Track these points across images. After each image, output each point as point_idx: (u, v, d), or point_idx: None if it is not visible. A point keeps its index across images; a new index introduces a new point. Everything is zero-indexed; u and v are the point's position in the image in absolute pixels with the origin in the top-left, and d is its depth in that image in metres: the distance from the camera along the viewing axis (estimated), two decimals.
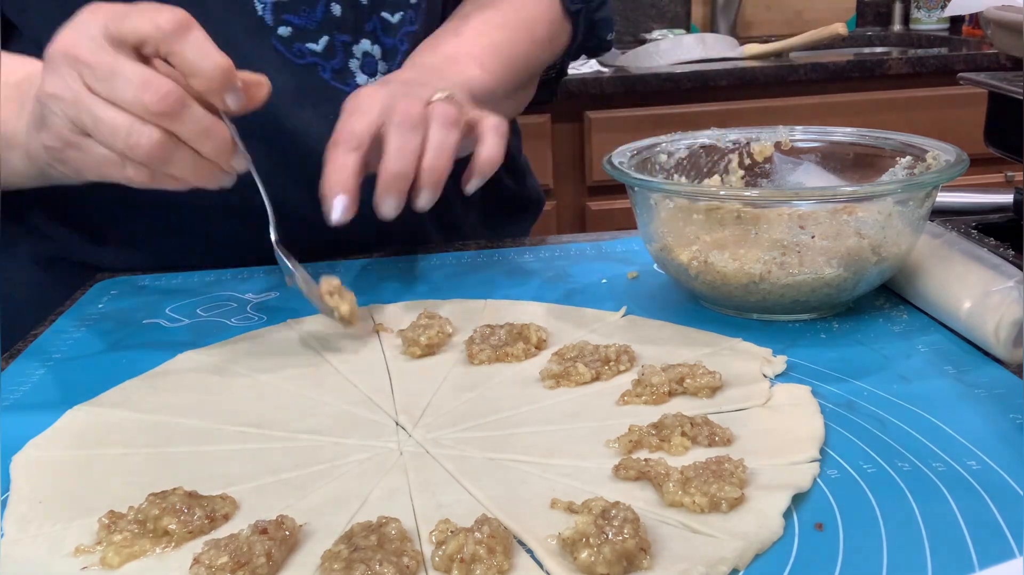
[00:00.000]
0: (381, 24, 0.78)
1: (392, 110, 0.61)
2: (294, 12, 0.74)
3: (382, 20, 0.78)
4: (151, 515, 0.41)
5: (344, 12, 0.76)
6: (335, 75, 0.77)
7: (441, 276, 0.75)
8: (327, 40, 0.76)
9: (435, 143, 0.61)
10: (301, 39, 0.75)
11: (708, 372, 0.52)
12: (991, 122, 0.76)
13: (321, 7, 0.75)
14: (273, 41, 0.74)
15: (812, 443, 0.46)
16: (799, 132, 0.71)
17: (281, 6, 0.74)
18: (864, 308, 0.63)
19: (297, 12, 0.74)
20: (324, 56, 0.76)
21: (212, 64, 0.54)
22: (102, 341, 0.65)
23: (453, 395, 0.54)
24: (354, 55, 0.78)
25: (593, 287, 0.70)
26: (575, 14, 0.86)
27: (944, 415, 0.48)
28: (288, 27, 0.74)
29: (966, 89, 0.78)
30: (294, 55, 0.75)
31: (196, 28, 0.53)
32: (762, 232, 0.58)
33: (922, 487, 0.42)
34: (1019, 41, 0.66)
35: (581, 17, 0.86)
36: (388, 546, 0.38)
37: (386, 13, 0.78)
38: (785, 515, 0.40)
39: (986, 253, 0.59)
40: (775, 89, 1.91)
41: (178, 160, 0.55)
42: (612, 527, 0.37)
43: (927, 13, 2.39)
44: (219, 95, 0.55)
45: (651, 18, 2.43)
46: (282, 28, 0.74)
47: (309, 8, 0.75)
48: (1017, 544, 0.38)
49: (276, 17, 0.74)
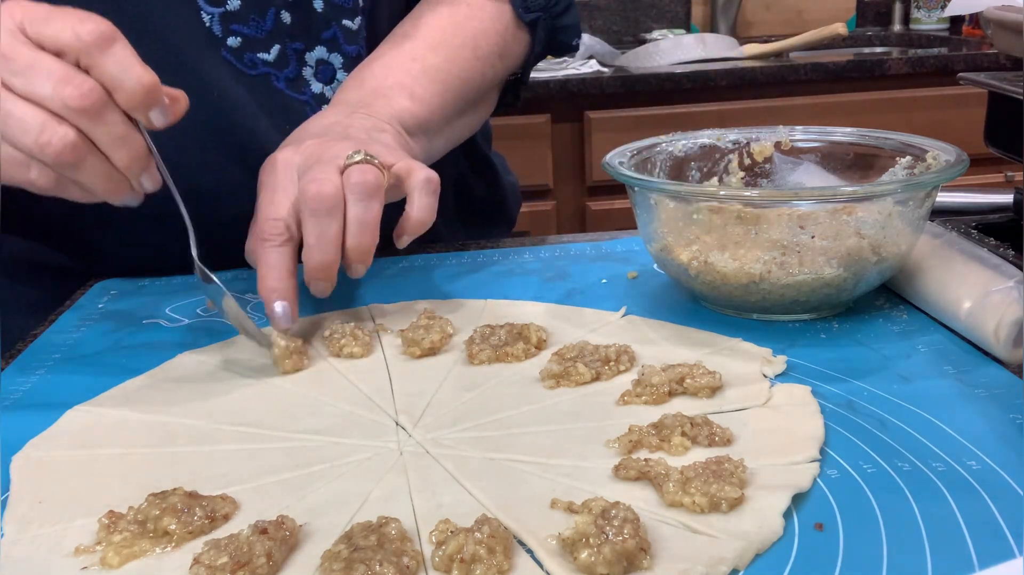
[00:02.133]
0: (343, 32, 0.77)
1: (305, 192, 0.57)
2: (243, 22, 0.73)
3: (343, 28, 0.77)
4: (151, 515, 0.41)
5: (295, 20, 0.75)
6: (289, 84, 0.76)
7: (441, 276, 0.75)
8: (279, 49, 0.75)
9: (356, 221, 0.58)
10: (252, 49, 0.74)
11: (708, 372, 0.52)
12: (991, 122, 0.76)
13: (271, 16, 0.73)
14: (223, 52, 0.73)
15: (812, 443, 0.46)
16: (799, 132, 0.71)
17: (229, 16, 0.72)
18: (864, 308, 0.63)
19: (246, 22, 0.73)
20: (276, 65, 0.75)
21: (135, 79, 0.51)
22: (102, 341, 0.65)
23: (453, 395, 0.54)
24: (307, 63, 0.76)
25: (593, 287, 0.70)
26: (531, 24, 0.81)
27: (944, 415, 0.48)
28: (237, 37, 0.73)
29: (966, 89, 0.78)
30: (246, 65, 0.74)
31: (120, 41, 0.51)
32: (762, 232, 0.58)
33: (922, 487, 0.42)
34: (1019, 41, 0.66)
35: (540, 26, 0.81)
36: (388, 546, 0.38)
37: (347, 20, 0.77)
38: (785, 515, 0.40)
39: (986, 253, 0.59)
40: (775, 89, 1.91)
41: (88, 167, 0.52)
42: (612, 527, 0.37)
43: (927, 13, 2.39)
44: (143, 112, 0.53)
45: (651, 18, 2.43)
46: (231, 39, 0.73)
47: (258, 17, 0.73)
48: (1017, 544, 0.38)
49: (224, 28, 0.72)
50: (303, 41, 0.75)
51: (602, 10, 2.43)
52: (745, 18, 2.41)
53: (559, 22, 0.83)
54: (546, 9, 0.81)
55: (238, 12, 0.72)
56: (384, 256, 0.81)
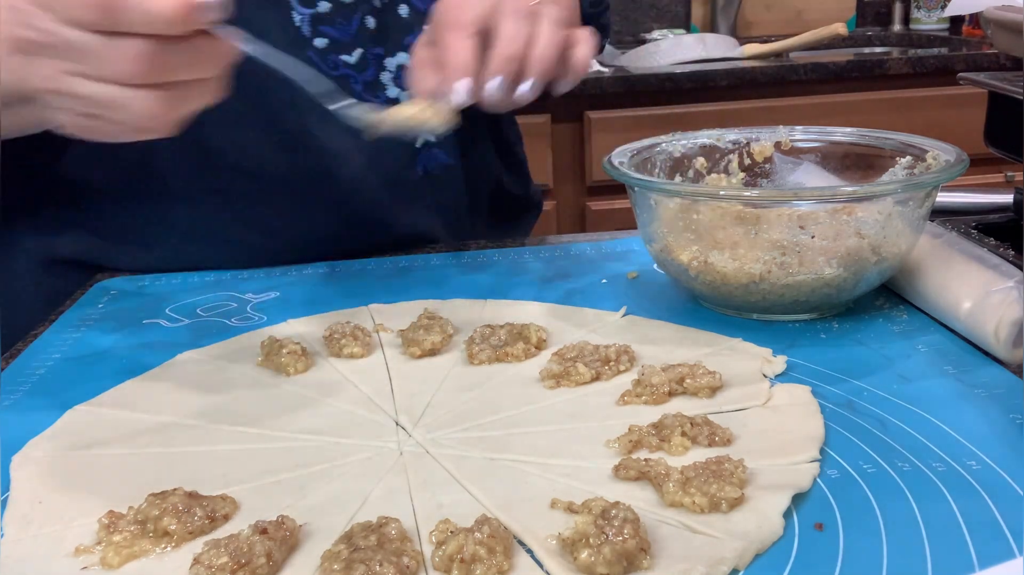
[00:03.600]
0: None
1: (501, 3, 0.60)
2: (331, 24, 0.75)
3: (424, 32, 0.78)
4: (151, 515, 0.41)
5: (380, 25, 0.77)
6: (366, 88, 0.77)
7: (441, 276, 0.75)
8: (360, 53, 0.76)
9: (546, 35, 0.60)
10: (336, 51, 0.75)
11: (708, 372, 0.52)
12: (991, 122, 0.76)
13: (356, 20, 0.75)
14: (309, 53, 0.74)
15: (812, 443, 0.46)
16: (799, 132, 0.71)
17: (319, 18, 0.74)
18: (864, 308, 0.63)
19: (334, 24, 0.75)
20: (357, 68, 0.76)
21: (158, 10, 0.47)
22: (102, 341, 0.65)
23: (453, 395, 0.54)
24: (386, 68, 0.78)
25: (593, 287, 0.70)
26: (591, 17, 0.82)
27: (944, 415, 0.48)
28: (324, 39, 0.75)
29: (966, 89, 0.77)
30: (329, 66, 0.75)
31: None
32: (762, 232, 0.58)
33: (922, 487, 0.42)
34: (1019, 41, 0.66)
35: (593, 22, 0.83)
36: (388, 546, 0.38)
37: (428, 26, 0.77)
38: (785, 515, 0.40)
39: (986, 253, 0.59)
40: (775, 89, 1.91)
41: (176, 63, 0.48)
42: (612, 527, 0.37)
43: (927, 13, 2.39)
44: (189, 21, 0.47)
45: (651, 18, 2.43)
46: (318, 39, 0.75)
47: (345, 21, 0.75)
48: (1017, 544, 0.38)
49: (314, 29, 0.74)
50: (384, 46, 0.77)
51: None
52: (745, 18, 2.40)
53: (601, 21, 0.85)
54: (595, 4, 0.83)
55: (327, 15, 0.74)
56: (385, 256, 0.81)
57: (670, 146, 0.70)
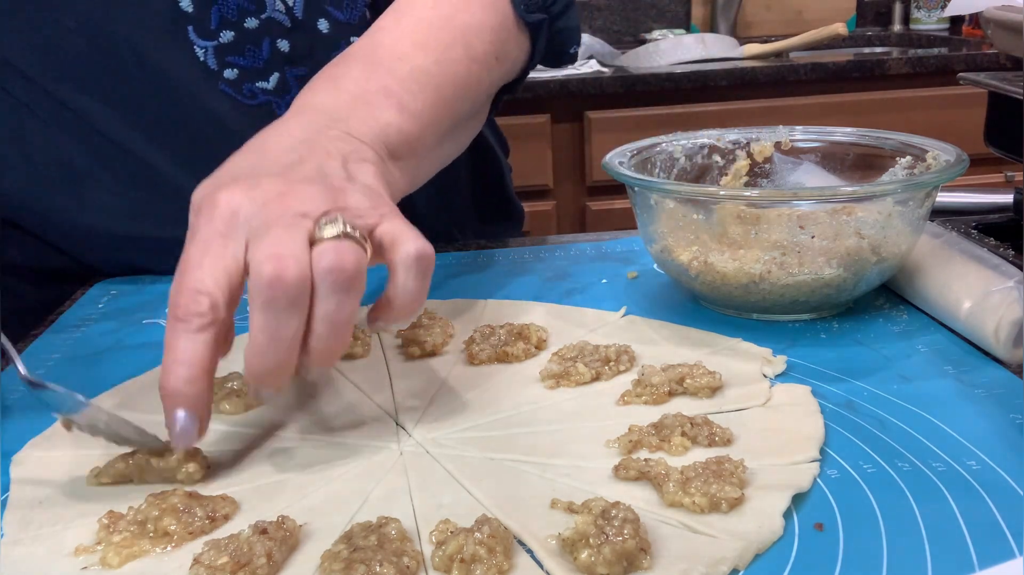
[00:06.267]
0: None
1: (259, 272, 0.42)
2: (238, 53, 0.71)
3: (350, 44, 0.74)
4: (151, 515, 0.41)
5: (295, 46, 0.73)
6: None
7: (441, 276, 0.75)
8: (278, 77, 0.73)
9: (325, 320, 0.43)
10: (250, 79, 0.72)
11: (708, 372, 0.52)
12: (991, 122, 0.76)
13: (267, 45, 0.72)
14: (221, 85, 0.72)
15: (812, 443, 0.46)
16: (799, 132, 0.71)
17: (223, 49, 0.71)
18: (864, 308, 0.63)
19: (242, 53, 0.71)
20: (277, 93, 0.74)
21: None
22: (102, 341, 0.65)
23: (453, 395, 0.54)
24: None
25: (593, 287, 0.70)
26: (535, 26, 0.71)
27: (944, 415, 0.48)
28: (234, 69, 0.72)
29: (966, 89, 0.78)
30: (245, 96, 0.73)
31: None
32: (762, 232, 0.58)
33: (922, 487, 0.42)
34: (1019, 41, 0.66)
35: (543, 29, 0.72)
36: (388, 546, 0.38)
37: (355, 37, 0.72)
38: (785, 515, 0.40)
39: (986, 253, 0.59)
40: (775, 89, 1.91)
41: None
42: (612, 527, 0.37)
43: (927, 13, 2.39)
44: None
45: (651, 18, 2.43)
46: (228, 71, 0.72)
47: (254, 47, 0.71)
48: (1017, 544, 0.38)
49: (220, 60, 0.71)
50: (307, 65, 0.73)
51: (602, 10, 2.43)
52: (745, 18, 2.41)
53: (559, 24, 0.73)
54: (545, 8, 0.71)
55: (232, 44, 0.71)
56: None
57: (670, 146, 0.70)
